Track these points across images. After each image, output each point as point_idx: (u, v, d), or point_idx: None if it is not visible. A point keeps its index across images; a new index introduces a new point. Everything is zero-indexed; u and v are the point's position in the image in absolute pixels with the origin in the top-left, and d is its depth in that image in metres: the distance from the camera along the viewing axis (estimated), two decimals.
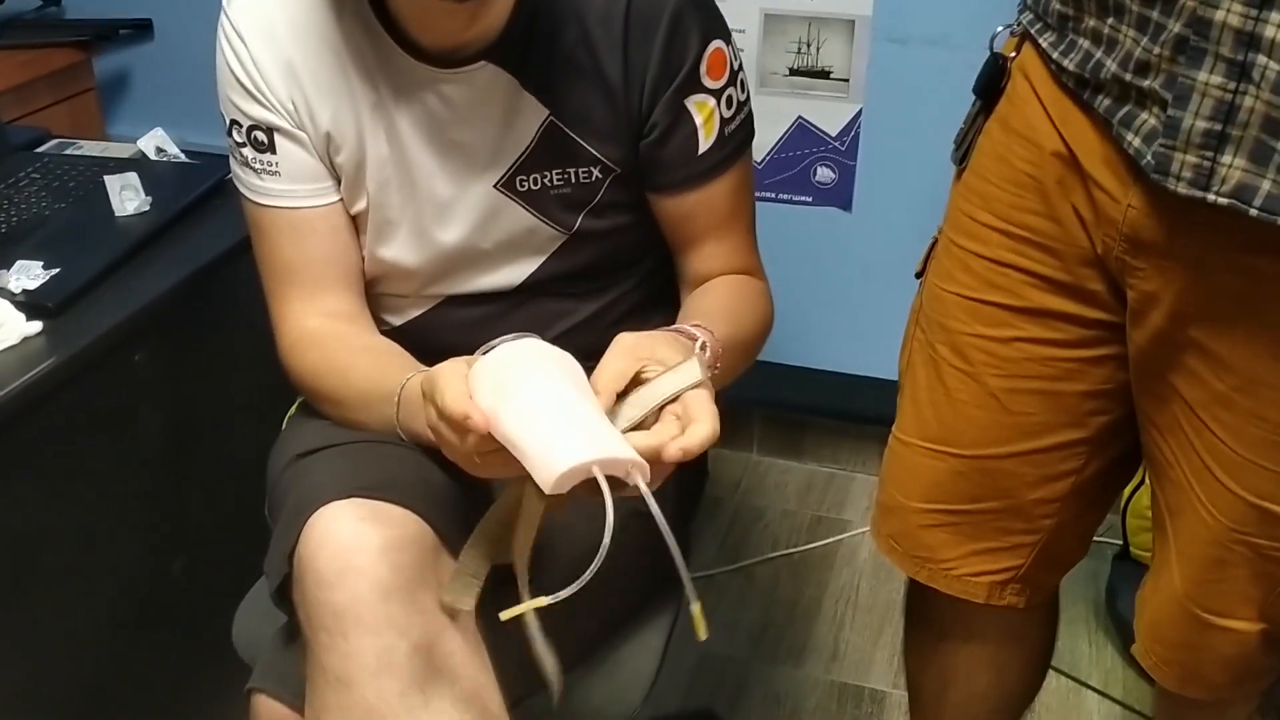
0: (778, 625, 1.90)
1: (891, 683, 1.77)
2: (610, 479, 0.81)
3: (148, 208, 1.41)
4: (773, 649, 1.85)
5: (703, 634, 0.83)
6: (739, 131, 1.13)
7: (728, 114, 1.11)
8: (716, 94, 1.09)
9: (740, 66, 1.12)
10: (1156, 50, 0.83)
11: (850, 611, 1.93)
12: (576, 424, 0.83)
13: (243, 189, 1.13)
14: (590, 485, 0.80)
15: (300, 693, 0.96)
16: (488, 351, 0.89)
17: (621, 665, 1.15)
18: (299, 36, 1.06)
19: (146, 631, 1.38)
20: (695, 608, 0.83)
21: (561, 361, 0.89)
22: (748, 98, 1.14)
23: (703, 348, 0.97)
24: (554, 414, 0.83)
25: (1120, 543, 1.88)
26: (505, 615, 0.85)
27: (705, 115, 1.09)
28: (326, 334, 1.13)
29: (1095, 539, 1.96)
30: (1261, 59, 0.76)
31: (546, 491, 0.82)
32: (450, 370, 0.87)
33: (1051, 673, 1.79)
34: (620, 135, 1.08)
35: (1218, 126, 0.80)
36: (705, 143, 1.10)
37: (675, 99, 1.07)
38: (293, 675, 0.98)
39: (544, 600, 0.84)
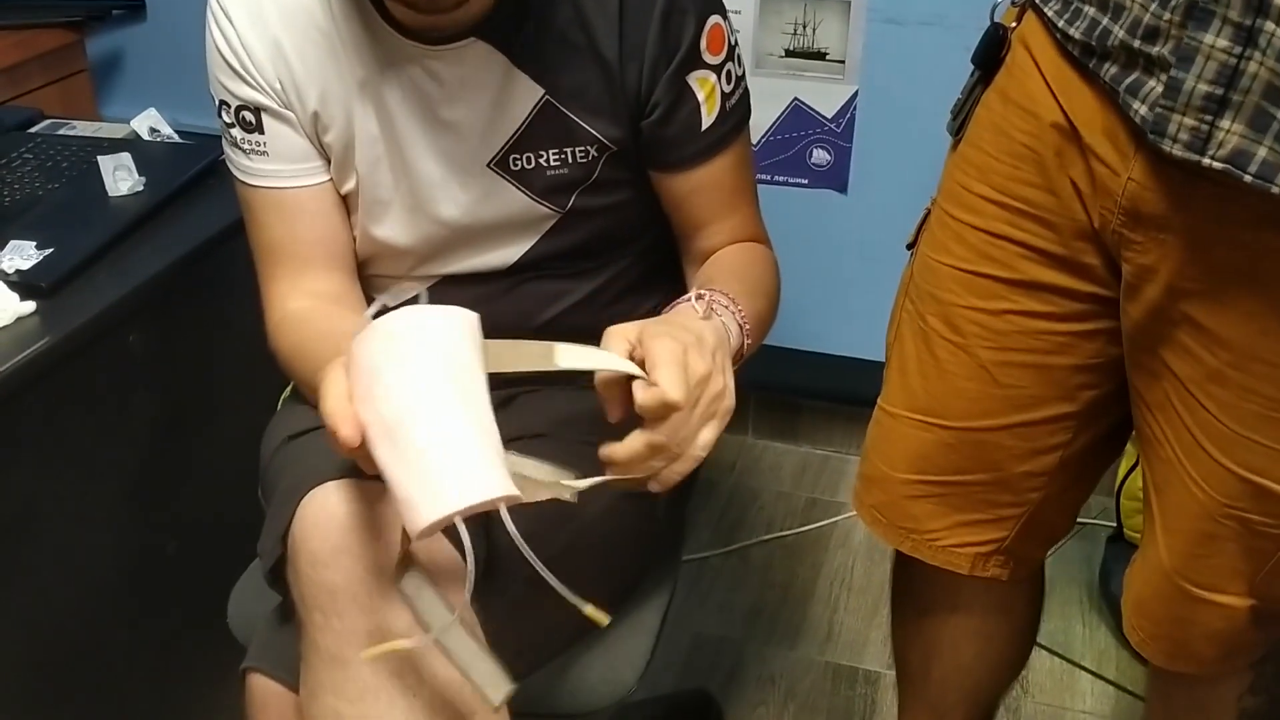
0: (772, 607, 1.91)
1: (886, 664, 1.78)
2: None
3: (141, 188, 1.40)
4: (767, 630, 1.86)
5: (603, 622, 0.84)
6: (739, 106, 1.13)
7: (728, 89, 1.11)
8: (717, 69, 1.09)
9: (736, 42, 1.11)
10: (1167, 16, 0.82)
11: (845, 593, 1.94)
12: (445, 456, 0.75)
13: (233, 169, 1.13)
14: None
15: (295, 672, 0.96)
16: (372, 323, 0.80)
17: (616, 645, 1.15)
18: (286, 15, 1.06)
19: (141, 612, 1.38)
20: (587, 609, 0.83)
21: (446, 341, 0.79)
22: (744, 73, 1.14)
23: (699, 298, 0.97)
24: (420, 445, 0.75)
25: (1114, 525, 1.89)
26: (366, 655, 0.84)
27: (707, 91, 1.09)
28: (307, 316, 1.12)
29: (1089, 521, 1.99)
30: (1270, 25, 0.76)
31: (413, 539, 0.77)
32: (339, 365, 0.82)
33: (1045, 653, 1.81)
34: (617, 114, 1.08)
35: (1219, 91, 0.80)
36: (708, 118, 1.10)
37: (677, 77, 1.07)
38: (287, 655, 0.98)
39: (403, 644, 0.83)
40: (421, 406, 0.76)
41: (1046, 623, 1.84)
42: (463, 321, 0.81)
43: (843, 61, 1.90)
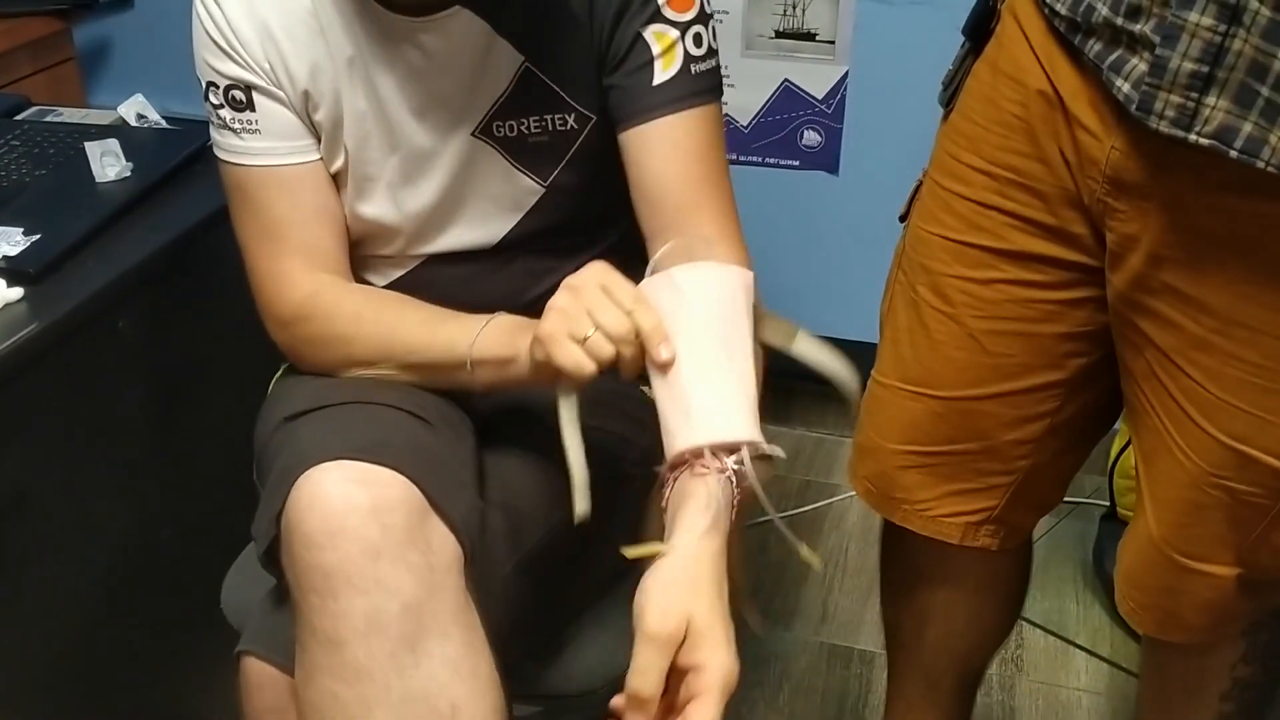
0: (767, 588, 1.91)
1: (881, 644, 1.77)
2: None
3: (129, 174, 1.40)
4: (763, 612, 1.86)
5: (817, 565, 0.93)
6: (707, 77, 1.08)
7: (697, 52, 1.06)
8: (681, 27, 1.05)
9: (713, 12, 1.08)
10: None
11: (839, 575, 1.94)
12: (730, 395, 0.90)
13: (223, 153, 1.11)
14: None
15: (290, 654, 0.96)
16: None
17: (612, 625, 1.15)
18: None
19: (135, 597, 1.38)
20: (802, 550, 0.94)
21: (743, 295, 0.94)
22: (718, 50, 1.09)
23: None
24: (721, 377, 0.90)
25: (1107, 504, 1.90)
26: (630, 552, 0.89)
27: (664, 45, 1.05)
28: (348, 286, 1.11)
29: (1083, 500, 2.00)
30: (1253, 3, 0.77)
31: (668, 455, 0.90)
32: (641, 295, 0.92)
33: (1040, 632, 1.81)
34: (593, 79, 1.07)
35: (1204, 68, 0.80)
36: (662, 74, 1.05)
37: (629, 27, 1.04)
38: (282, 637, 0.98)
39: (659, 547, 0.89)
40: (725, 346, 0.92)
41: (1041, 601, 1.86)
42: (749, 280, 0.96)
43: (833, 42, 1.90)
